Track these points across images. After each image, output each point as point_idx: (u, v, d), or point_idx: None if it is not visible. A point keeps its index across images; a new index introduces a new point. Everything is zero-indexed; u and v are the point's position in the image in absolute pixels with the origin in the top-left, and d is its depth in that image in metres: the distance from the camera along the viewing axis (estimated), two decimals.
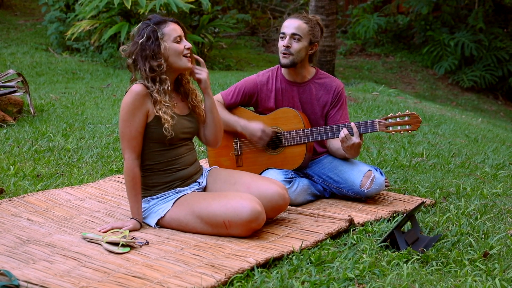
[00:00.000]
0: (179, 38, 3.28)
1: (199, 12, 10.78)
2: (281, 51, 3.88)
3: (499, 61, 12.23)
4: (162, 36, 3.25)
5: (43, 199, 3.65)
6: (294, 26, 3.86)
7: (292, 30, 3.86)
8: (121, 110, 3.26)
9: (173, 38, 3.26)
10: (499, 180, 4.64)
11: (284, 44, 3.86)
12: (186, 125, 3.37)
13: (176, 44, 3.27)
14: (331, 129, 3.80)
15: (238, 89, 3.98)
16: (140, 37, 3.26)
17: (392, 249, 3.10)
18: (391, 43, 13.83)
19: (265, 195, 3.29)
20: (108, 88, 8.24)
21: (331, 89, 3.97)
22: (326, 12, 9.04)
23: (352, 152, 3.76)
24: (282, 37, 3.89)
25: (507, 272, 2.90)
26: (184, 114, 3.39)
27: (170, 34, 3.26)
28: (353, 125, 3.72)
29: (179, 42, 3.28)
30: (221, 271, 2.73)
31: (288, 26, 3.88)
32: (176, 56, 3.27)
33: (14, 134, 5.28)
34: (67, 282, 2.58)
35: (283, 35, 3.88)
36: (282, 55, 3.88)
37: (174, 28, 3.28)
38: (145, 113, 3.24)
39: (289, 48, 3.84)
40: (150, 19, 3.30)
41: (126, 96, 3.25)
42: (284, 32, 3.87)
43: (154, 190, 3.35)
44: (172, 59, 3.27)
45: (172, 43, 3.26)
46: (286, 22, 3.91)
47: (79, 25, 10.00)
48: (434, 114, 7.90)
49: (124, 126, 3.25)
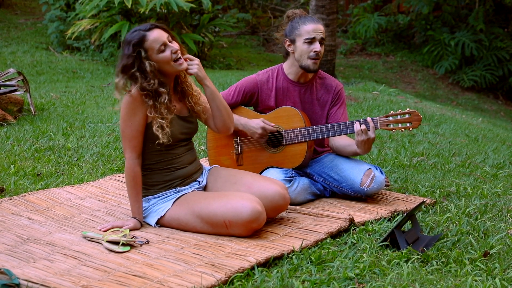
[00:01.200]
0: (163, 45, 3.21)
1: (200, 11, 10.78)
2: (312, 56, 3.82)
3: (500, 61, 12.22)
4: (145, 53, 3.18)
5: (44, 198, 3.65)
6: (322, 31, 3.84)
7: (321, 35, 3.83)
8: (121, 110, 3.25)
9: (157, 50, 3.20)
10: (499, 179, 4.64)
11: (317, 50, 3.80)
12: (185, 126, 3.37)
13: (161, 55, 3.20)
14: (332, 127, 3.79)
15: (238, 88, 3.97)
16: (122, 58, 3.20)
17: (393, 248, 3.10)
18: (391, 43, 13.83)
19: (265, 195, 3.29)
20: (108, 87, 8.24)
21: (331, 88, 3.98)
22: (327, 12, 9.03)
23: (365, 147, 3.73)
24: (310, 42, 3.82)
25: (507, 271, 2.90)
26: (183, 115, 3.38)
27: (153, 47, 3.19)
28: (369, 120, 3.68)
29: (164, 49, 3.22)
30: (222, 270, 2.73)
31: (317, 31, 3.82)
32: (166, 64, 3.23)
33: (15, 133, 5.28)
34: (67, 281, 2.58)
35: (313, 40, 3.82)
36: (313, 61, 3.83)
37: (155, 37, 3.20)
38: (145, 113, 3.23)
39: (319, 53, 3.83)
40: (130, 40, 3.19)
41: (125, 97, 3.24)
42: (315, 37, 3.82)
43: (154, 189, 3.35)
44: (164, 68, 3.24)
45: (157, 55, 3.20)
46: (311, 26, 3.82)
47: (79, 24, 10.00)
48: (434, 113, 7.90)
49: (124, 126, 3.25)
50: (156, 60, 3.20)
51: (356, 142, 3.74)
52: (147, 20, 9.82)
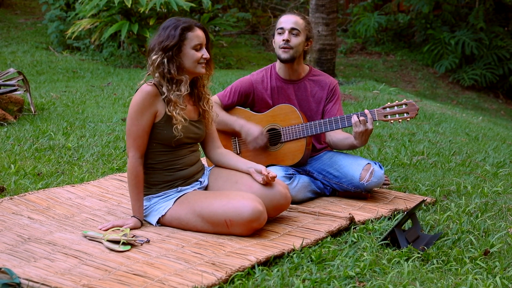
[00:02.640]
0: (199, 46, 3.28)
1: (200, 11, 10.78)
2: (280, 45, 3.89)
3: (500, 60, 12.22)
4: (184, 39, 3.24)
5: (44, 197, 3.65)
6: (292, 21, 3.89)
7: (290, 25, 3.88)
8: (130, 108, 3.26)
9: (193, 45, 3.26)
10: (499, 178, 4.64)
11: (284, 38, 3.87)
12: (193, 131, 3.36)
13: (194, 52, 3.26)
14: (330, 121, 3.80)
15: (234, 89, 3.99)
16: (166, 38, 3.24)
17: (393, 247, 3.10)
18: (391, 42, 13.82)
19: (266, 194, 3.29)
20: (108, 87, 8.24)
21: (325, 85, 4.01)
22: (327, 11, 9.03)
23: (363, 139, 3.74)
24: (280, 33, 3.91)
25: (507, 270, 2.90)
26: (193, 120, 3.38)
27: (192, 39, 3.26)
28: (367, 112, 3.71)
29: (198, 50, 3.28)
30: (222, 269, 2.73)
31: (286, 21, 3.90)
32: (192, 62, 3.27)
33: (15, 132, 5.28)
34: (68, 280, 2.58)
35: (282, 30, 3.90)
36: (282, 50, 3.89)
37: (197, 34, 3.28)
38: (153, 113, 3.24)
39: (289, 42, 3.86)
40: (179, 25, 3.26)
41: (136, 95, 3.25)
42: (283, 27, 3.90)
43: (156, 188, 3.35)
44: (187, 64, 3.27)
45: (190, 49, 3.26)
46: (283, 18, 3.95)
47: (79, 23, 10.00)
48: (434, 112, 7.90)
49: (131, 124, 3.25)
50: (186, 52, 3.25)
51: (354, 134, 3.75)
52: (147, 19, 9.83)
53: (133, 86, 8.07)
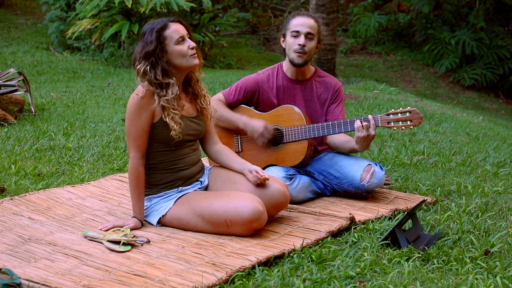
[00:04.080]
0: (182, 38, 3.25)
1: (200, 11, 10.78)
2: (296, 49, 3.87)
3: (500, 59, 12.21)
4: (164, 40, 3.22)
5: (44, 197, 3.65)
6: (308, 25, 3.87)
7: (307, 29, 3.86)
8: (128, 109, 3.26)
9: (175, 41, 3.23)
10: (500, 178, 4.64)
11: (301, 43, 3.85)
12: (192, 127, 3.36)
13: (179, 47, 3.24)
14: (332, 125, 3.80)
15: (239, 87, 3.98)
16: (144, 44, 3.23)
17: (393, 247, 3.10)
18: (392, 42, 13.82)
19: (265, 193, 3.29)
20: (109, 87, 8.24)
21: (330, 86, 4.01)
22: (327, 11, 9.03)
23: (364, 144, 3.74)
24: (295, 36, 3.87)
25: (508, 270, 2.90)
26: (191, 116, 3.37)
27: (172, 36, 3.23)
28: (370, 118, 3.71)
29: (182, 43, 3.26)
30: (223, 269, 2.73)
31: (302, 25, 3.87)
32: (181, 58, 3.25)
33: (15, 133, 5.28)
34: (68, 280, 2.58)
35: (297, 33, 3.87)
36: (298, 55, 3.87)
37: (176, 29, 3.25)
38: (151, 113, 3.24)
39: (304, 47, 3.85)
40: (153, 27, 3.24)
41: (133, 95, 3.25)
42: (299, 31, 3.86)
43: (157, 188, 3.35)
44: (177, 62, 3.25)
45: (174, 46, 3.24)
46: (298, 20, 3.90)
47: (79, 24, 10.00)
48: (435, 112, 7.90)
49: (130, 125, 3.25)
50: (171, 50, 3.23)
51: (356, 139, 3.74)
52: (147, 19, 9.83)
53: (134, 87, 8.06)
